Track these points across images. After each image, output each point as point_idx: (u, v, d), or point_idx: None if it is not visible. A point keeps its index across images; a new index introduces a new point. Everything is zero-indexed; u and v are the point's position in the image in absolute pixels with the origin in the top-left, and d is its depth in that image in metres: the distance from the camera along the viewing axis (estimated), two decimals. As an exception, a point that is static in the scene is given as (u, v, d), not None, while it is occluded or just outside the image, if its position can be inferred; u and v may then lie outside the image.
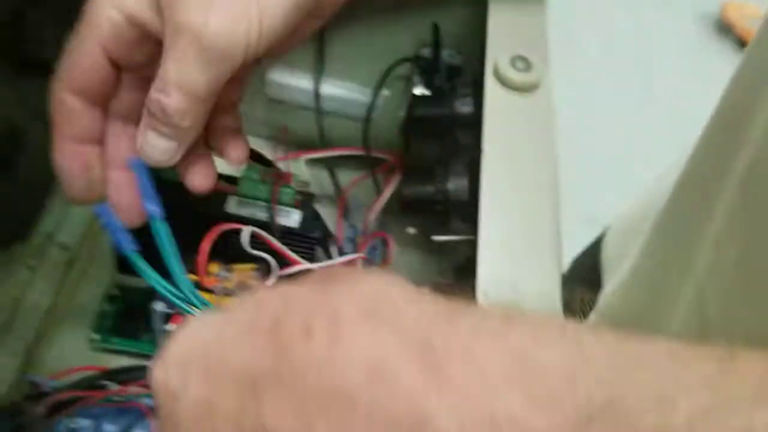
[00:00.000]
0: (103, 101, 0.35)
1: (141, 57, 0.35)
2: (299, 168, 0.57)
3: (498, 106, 0.37)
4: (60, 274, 0.56)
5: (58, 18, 0.42)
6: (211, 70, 0.31)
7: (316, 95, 0.58)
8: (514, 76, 0.37)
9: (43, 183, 0.53)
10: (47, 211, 0.56)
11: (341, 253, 0.54)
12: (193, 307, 0.32)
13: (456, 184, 0.42)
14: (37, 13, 0.41)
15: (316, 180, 0.58)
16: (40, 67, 0.44)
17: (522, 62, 0.37)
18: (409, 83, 0.58)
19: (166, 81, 0.32)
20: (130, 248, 0.31)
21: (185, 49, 0.31)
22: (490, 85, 0.38)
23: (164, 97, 0.32)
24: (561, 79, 0.39)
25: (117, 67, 0.35)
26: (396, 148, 0.58)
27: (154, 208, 0.31)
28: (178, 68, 0.31)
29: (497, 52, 0.38)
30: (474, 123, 0.46)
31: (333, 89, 0.60)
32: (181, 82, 0.31)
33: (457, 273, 0.38)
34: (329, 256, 0.53)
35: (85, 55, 0.33)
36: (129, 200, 0.35)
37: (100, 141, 0.35)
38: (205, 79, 0.32)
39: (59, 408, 0.47)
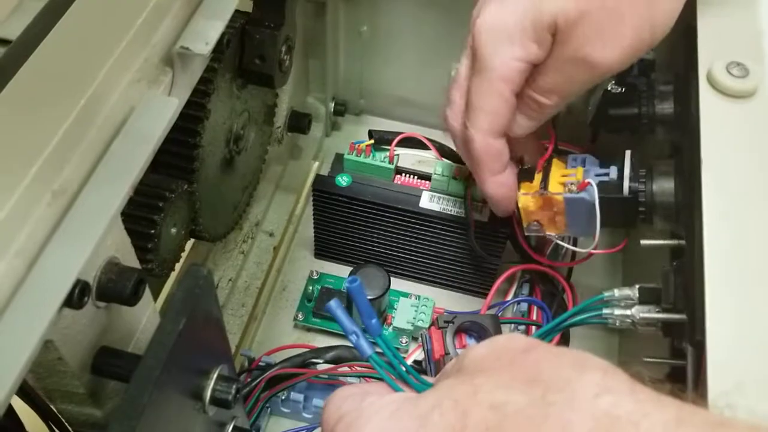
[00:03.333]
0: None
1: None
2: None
3: (713, 114, 0.36)
4: (267, 258, 0.61)
5: (274, 39, 0.46)
6: (587, 86, 0.40)
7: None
8: (731, 83, 0.36)
9: (253, 178, 0.58)
10: (254, 201, 0.61)
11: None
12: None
13: (661, 186, 0.42)
14: (258, 32, 0.45)
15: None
16: (260, 78, 0.48)
17: (738, 68, 0.37)
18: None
19: (552, 90, 0.40)
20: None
21: (578, 75, 0.39)
22: (704, 92, 0.37)
23: (545, 100, 0.40)
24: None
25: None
26: (581, 140, 0.58)
27: (375, 322, 0.34)
28: (565, 84, 0.39)
29: (711, 58, 0.37)
30: (675, 122, 0.46)
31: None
32: (564, 93, 0.40)
33: (664, 276, 0.38)
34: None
35: (502, 103, 0.40)
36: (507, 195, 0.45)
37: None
38: (579, 92, 0.41)
39: (274, 382, 0.53)
